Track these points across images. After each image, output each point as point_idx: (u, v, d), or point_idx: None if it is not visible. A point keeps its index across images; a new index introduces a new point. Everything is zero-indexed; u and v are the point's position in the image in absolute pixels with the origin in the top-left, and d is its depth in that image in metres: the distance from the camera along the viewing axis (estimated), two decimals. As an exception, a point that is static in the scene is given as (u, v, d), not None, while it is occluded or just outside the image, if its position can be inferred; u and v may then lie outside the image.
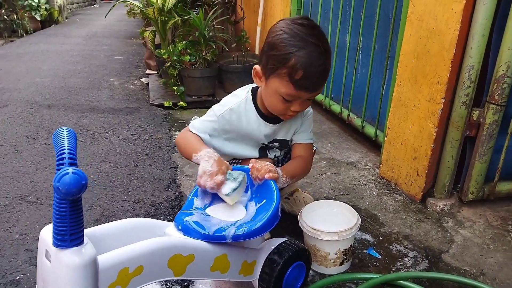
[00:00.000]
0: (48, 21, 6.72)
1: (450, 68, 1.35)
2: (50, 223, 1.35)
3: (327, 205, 1.26)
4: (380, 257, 1.25)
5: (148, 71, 3.64)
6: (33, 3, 6.00)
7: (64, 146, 0.65)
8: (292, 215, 1.40)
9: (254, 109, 1.19)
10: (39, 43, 4.92)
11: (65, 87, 3.12)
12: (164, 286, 1.12)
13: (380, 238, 1.35)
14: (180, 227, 0.91)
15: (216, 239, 0.89)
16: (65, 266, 0.67)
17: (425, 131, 1.49)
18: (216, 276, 0.93)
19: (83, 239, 0.69)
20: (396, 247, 1.30)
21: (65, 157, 0.64)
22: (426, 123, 1.48)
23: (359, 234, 1.35)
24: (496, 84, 1.31)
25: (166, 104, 2.78)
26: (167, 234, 0.91)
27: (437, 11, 1.37)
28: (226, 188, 0.97)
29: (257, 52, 3.26)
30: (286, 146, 1.29)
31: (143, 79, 3.44)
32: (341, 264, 1.17)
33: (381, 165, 1.76)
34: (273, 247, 1.01)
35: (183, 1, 3.30)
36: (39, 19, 6.21)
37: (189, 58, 2.72)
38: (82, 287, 0.69)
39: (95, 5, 9.67)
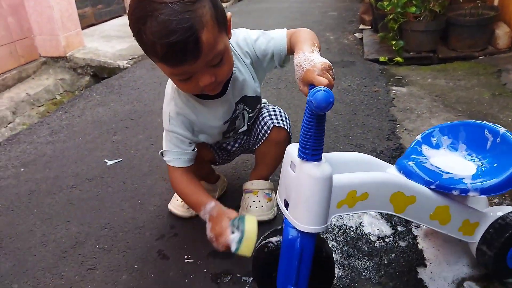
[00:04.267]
0: (268, -18, 7.36)
1: None
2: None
3: None
4: None
5: (361, 26, 3.62)
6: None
7: None
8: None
9: (191, 95, 1.03)
10: (262, 2, 5.49)
11: (287, 40, 3.43)
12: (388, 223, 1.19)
13: None
14: (402, 171, 0.93)
15: (441, 188, 0.87)
16: (307, 176, 0.78)
17: None
18: (435, 226, 0.92)
19: (321, 157, 0.79)
20: None
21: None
22: None
23: None
24: None
25: (381, 59, 2.73)
26: None
27: None
28: (233, 245, 0.89)
29: (496, 3, 2.78)
30: (256, 103, 1.15)
31: (356, 34, 3.45)
32: None
33: None
34: (502, 213, 0.94)
35: None
36: (262, -20, 6.85)
37: (414, 9, 2.56)
38: (320, 196, 0.79)
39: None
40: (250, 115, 1.17)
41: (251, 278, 1.04)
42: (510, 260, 0.94)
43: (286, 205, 0.85)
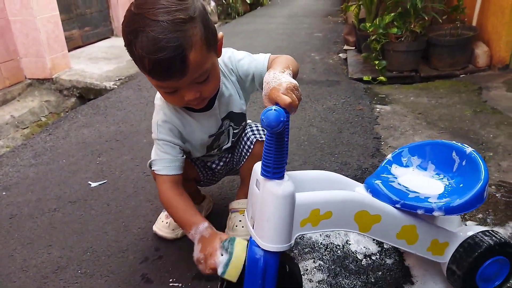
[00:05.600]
0: (255, 4, 7.53)
1: None
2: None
3: None
4: None
5: (346, 47, 3.70)
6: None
7: None
8: None
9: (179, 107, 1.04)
10: (249, 23, 5.59)
11: (273, 60, 3.48)
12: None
13: None
14: (369, 189, 0.93)
15: (406, 207, 0.87)
16: (269, 193, 0.78)
17: None
18: (402, 245, 0.91)
19: (284, 175, 0.79)
20: None
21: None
22: None
23: None
24: None
25: (365, 78, 2.79)
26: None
27: None
28: (219, 268, 0.84)
29: (474, 23, 2.89)
30: (241, 120, 1.16)
31: (341, 54, 3.53)
32: None
33: None
34: (472, 233, 0.94)
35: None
36: (248, 2, 7.02)
37: (396, 30, 2.64)
38: (282, 214, 0.78)
39: (293, -13, 10.26)
40: (235, 131, 1.18)
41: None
42: (480, 281, 0.93)
43: (253, 223, 0.84)
